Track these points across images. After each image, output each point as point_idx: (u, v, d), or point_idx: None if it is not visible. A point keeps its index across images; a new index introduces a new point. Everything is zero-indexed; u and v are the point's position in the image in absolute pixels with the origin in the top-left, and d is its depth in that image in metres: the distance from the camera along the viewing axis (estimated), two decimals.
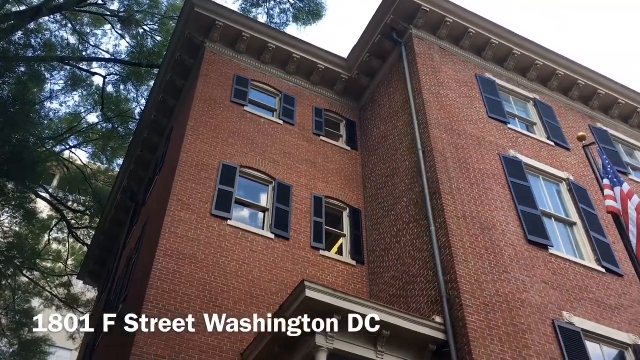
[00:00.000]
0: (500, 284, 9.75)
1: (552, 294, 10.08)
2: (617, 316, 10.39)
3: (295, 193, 12.89)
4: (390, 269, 11.58)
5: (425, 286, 10.20)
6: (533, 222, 11.31)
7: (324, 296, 8.20)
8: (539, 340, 9.15)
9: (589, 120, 15.92)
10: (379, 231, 12.64)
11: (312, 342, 8.14)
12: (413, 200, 11.69)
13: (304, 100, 15.51)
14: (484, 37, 15.12)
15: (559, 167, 13.31)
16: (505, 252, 10.40)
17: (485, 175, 11.81)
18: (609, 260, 11.43)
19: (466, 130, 12.69)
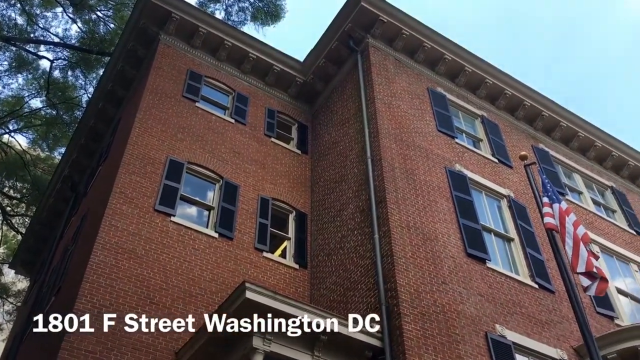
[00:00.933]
0: (438, 294, 9.94)
1: (487, 307, 10.35)
2: (547, 331, 10.75)
3: (242, 193, 12.79)
4: (332, 274, 11.63)
5: (366, 293, 10.29)
6: (473, 235, 11.59)
7: (264, 298, 8.15)
8: (471, 351, 9.37)
9: (532, 140, 16.47)
10: (323, 236, 12.68)
11: (248, 343, 8.08)
12: (359, 207, 11.79)
13: (257, 101, 15.43)
14: (438, 52, 15.44)
15: (501, 184, 13.71)
16: (445, 263, 10.61)
17: (431, 187, 12.04)
18: (542, 277, 11.83)
19: (415, 142, 12.90)
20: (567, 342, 10.82)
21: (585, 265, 7.84)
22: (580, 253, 7.94)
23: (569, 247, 8.05)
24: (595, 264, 7.81)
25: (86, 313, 9.11)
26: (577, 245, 8.02)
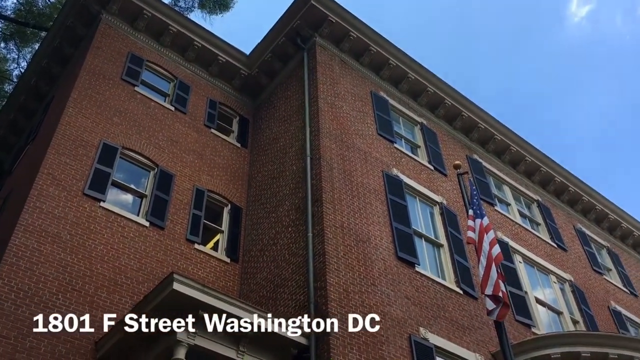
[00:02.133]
0: (366, 295, 10.07)
1: (413, 310, 10.58)
2: (467, 336, 11.10)
3: (177, 183, 12.54)
4: (263, 270, 11.58)
5: (296, 290, 10.30)
6: (405, 239, 11.81)
7: (191, 290, 8.01)
8: (394, 352, 9.55)
9: (467, 150, 16.97)
10: (257, 231, 12.61)
11: (172, 336, 7.93)
12: (295, 204, 11.80)
13: (199, 90, 15.18)
14: (383, 57, 15.65)
15: (435, 191, 14.04)
16: (375, 265, 10.76)
17: (367, 190, 12.19)
18: (467, 283, 12.20)
19: (355, 144, 13.03)
20: (486, 347, 11.20)
21: (493, 288, 8.10)
22: (491, 274, 8.21)
23: (482, 267, 8.30)
24: (502, 288, 8.07)
25: (4, 297, 8.71)
26: (489, 266, 8.29)
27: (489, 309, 8.09)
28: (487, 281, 8.18)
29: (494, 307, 8.07)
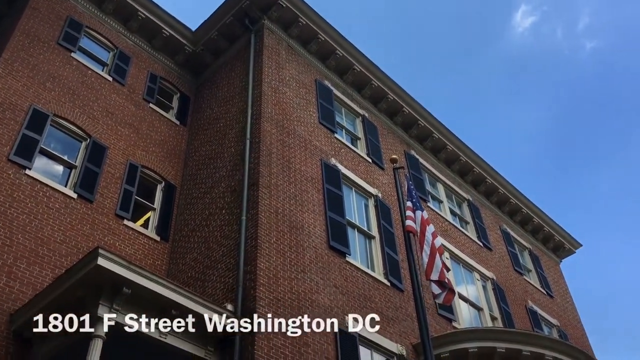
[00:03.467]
0: (296, 282, 10.11)
1: (340, 299, 10.71)
2: (391, 327, 11.35)
3: (110, 156, 12.15)
4: (193, 250, 11.43)
5: (225, 273, 10.23)
6: (338, 229, 11.93)
7: (116, 267, 7.79)
8: (319, 339, 9.65)
9: (405, 146, 17.28)
10: (190, 211, 12.42)
11: (93, 312, 7.70)
12: (231, 187, 11.68)
13: (140, 63, 14.74)
14: (330, 46, 15.67)
15: (371, 183, 14.23)
16: (307, 253, 10.82)
17: (304, 177, 12.21)
18: (395, 276, 12.46)
19: (296, 131, 13.01)
20: (408, 338, 11.50)
21: (439, 275, 8.37)
22: (436, 262, 8.46)
23: (426, 255, 8.53)
24: (446, 276, 8.36)
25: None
26: (434, 255, 8.53)
27: (435, 293, 8.35)
28: (432, 267, 8.42)
29: (440, 292, 8.33)
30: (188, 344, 8.59)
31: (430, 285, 8.42)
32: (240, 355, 8.57)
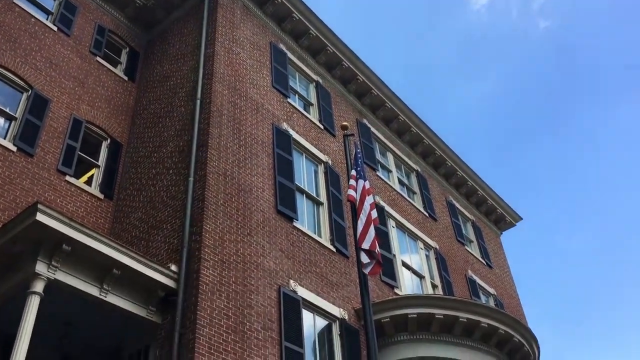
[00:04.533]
0: (242, 245, 10.11)
1: (285, 263, 10.79)
2: (334, 292, 11.54)
3: (53, 109, 11.71)
4: (138, 210, 11.24)
5: (170, 234, 10.12)
6: (286, 194, 11.94)
7: (56, 223, 7.59)
8: (262, 302, 9.73)
9: (358, 114, 17.32)
10: (136, 170, 12.16)
11: (30, 268, 7.51)
12: (179, 147, 11.48)
13: (88, 14, 14.13)
14: (286, 9, 15.41)
15: (322, 150, 14.25)
16: (254, 216, 10.80)
17: (255, 141, 12.11)
18: (341, 242, 12.62)
19: (248, 93, 12.83)
20: (351, 303, 11.73)
21: (370, 244, 8.45)
22: (369, 232, 8.54)
23: (361, 223, 8.61)
24: (377, 248, 8.44)
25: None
26: (369, 225, 8.61)
27: (364, 262, 8.41)
28: (364, 236, 8.48)
29: (369, 261, 8.41)
30: (129, 303, 8.52)
31: (360, 253, 8.50)
32: (183, 316, 8.55)
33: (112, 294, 8.30)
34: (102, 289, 8.14)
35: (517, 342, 12.17)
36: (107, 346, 9.37)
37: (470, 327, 11.62)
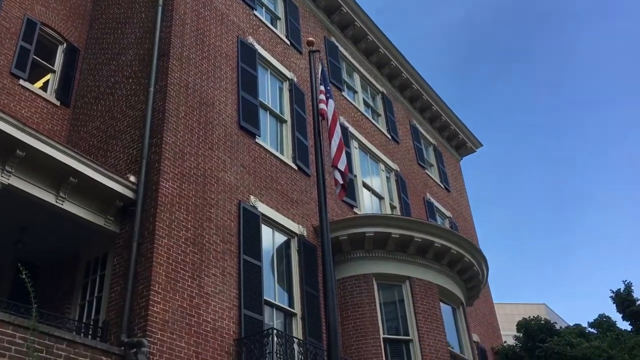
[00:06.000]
0: (202, 159, 10.04)
1: (246, 179, 10.81)
2: (294, 209, 11.70)
3: (4, 7, 11.08)
4: (96, 119, 10.97)
5: (129, 144, 9.96)
6: (250, 110, 11.78)
7: (8, 127, 7.35)
8: (222, 215, 9.81)
9: (326, 32, 16.93)
10: (94, 77, 11.75)
11: None
12: (139, 55, 11.08)
13: None
14: None
15: (287, 67, 13.98)
16: (216, 130, 10.68)
17: (219, 53, 11.77)
18: (303, 160, 12.66)
19: (212, 3, 12.33)
20: (310, 221, 11.93)
21: (344, 167, 8.55)
22: (343, 155, 8.61)
23: (335, 144, 8.64)
24: (349, 172, 8.55)
25: None
26: (341, 148, 8.66)
27: (338, 181, 8.53)
28: (339, 158, 8.56)
29: (341, 183, 8.53)
30: (86, 212, 8.48)
31: (334, 172, 8.60)
32: (141, 227, 8.57)
33: (69, 202, 8.22)
34: (59, 197, 8.05)
35: (468, 262, 12.69)
36: (64, 253, 9.40)
37: (424, 247, 12.02)
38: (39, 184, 7.88)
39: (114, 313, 8.08)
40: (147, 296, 7.88)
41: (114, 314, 8.06)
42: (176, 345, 7.90)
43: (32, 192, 7.78)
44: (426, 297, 11.71)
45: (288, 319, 10.35)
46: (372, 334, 10.93)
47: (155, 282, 8.02)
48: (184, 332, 8.11)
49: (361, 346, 10.82)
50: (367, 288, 11.47)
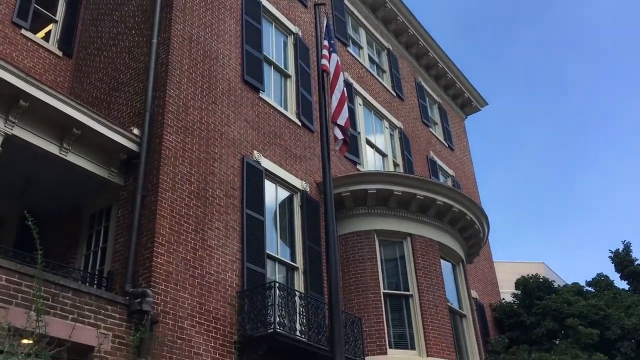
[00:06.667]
0: (206, 112, 10.00)
1: (250, 133, 10.79)
2: (298, 165, 11.71)
3: None
4: (99, 70, 10.87)
5: (132, 97, 9.90)
6: (254, 64, 11.66)
7: (10, 76, 7.29)
8: (225, 170, 9.83)
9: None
10: (97, 28, 11.60)
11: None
12: (142, 6, 10.90)
13: None
14: None
15: (292, 20, 13.76)
16: (220, 84, 10.60)
17: (222, 5, 11.57)
18: (307, 116, 12.60)
19: None
20: (313, 177, 11.96)
21: (345, 122, 8.49)
22: (343, 109, 8.54)
23: (336, 99, 8.57)
24: (349, 127, 8.48)
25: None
26: (343, 102, 8.58)
27: (337, 137, 8.48)
28: (339, 113, 8.50)
29: (341, 138, 8.49)
30: (90, 164, 8.51)
31: (334, 128, 8.56)
32: (145, 180, 8.60)
33: (73, 154, 8.24)
34: (62, 148, 8.06)
35: (469, 220, 12.77)
36: (69, 204, 9.47)
37: (426, 204, 12.08)
38: (42, 135, 7.88)
39: (119, 264, 8.20)
40: (151, 248, 7.98)
41: (119, 265, 8.18)
42: (180, 296, 8.04)
43: (36, 142, 7.79)
44: (427, 254, 11.84)
45: (290, 273, 10.49)
46: (373, 289, 11.10)
47: (159, 235, 8.10)
48: (187, 283, 8.24)
49: (362, 300, 11.00)
50: (369, 244, 11.59)
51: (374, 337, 10.70)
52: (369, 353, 10.46)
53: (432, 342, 10.91)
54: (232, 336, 8.57)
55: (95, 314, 6.79)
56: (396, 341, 11.01)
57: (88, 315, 6.72)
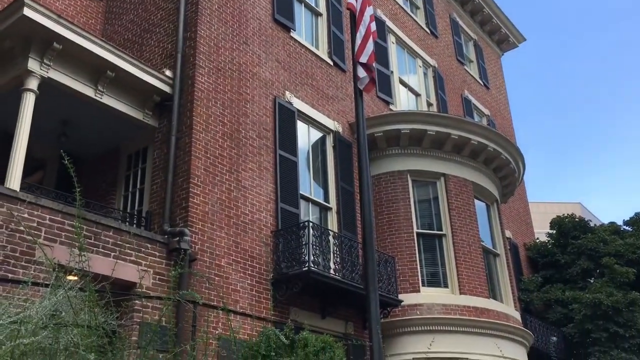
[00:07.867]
0: (237, 53, 9.91)
1: (281, 74, 10.69)
2: (330, 105, 11.61)
3: None
4: (130, 12, 10.81)
5: (163, 38, 9.86)
6: (284, 2, 11.42)
7: (45, 20, 7.32)
8: (257, 111, 9.82)
9: None
10: None
11: (23, 65, 7.41)
12: None
13: None
14: None
15: None
16: (250, 24, 10.45)
17: None
18: (339, 56, 12.39)
19: None
20: (345, 117, 11.87)
21: (368, 58, 8.24)
22: (367, 46, 8.27)
23: (360, 36, 8.31)
24: (374, 64, 8.20)
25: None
26: (367, 38, 8.29)
27: (360, 76, 8.30)
28: (363, 50, 8.25)
29: (365, 76, 8.30)
30: (125, 106, 8.59)
31: (357, 67, 8.34)
32: (179, 121, 8.67)
33: (108, 96, 8.32)
34: (97, 90, 8.14)
35: (504, 160, 12.59)
36: (106, 146, 9.65)
37: (460, 144, 11.92)
38: (77, 77, 7.95)
39: (156, 204, 8.39)
40: (187, 188, 8.12)
41: (157, 205, 8.37)
42: (216, 235, 8.23)
43: (71, 85, 7.88)
44: (461, 194, 11.77)
45: (323, 213, 10.60)
46: (406, 229, 11.16)
47: (194, 175, 8.23)
48: (223, 223, 8.41)
49: (395, 240, 11.09)
50: (402, 184, 11.57)
51: (407, 275, 10.84)
52: (402, 291, 10.62)
53: (465, 281, 11.01)
54: (267, 274, 8.78)
55: (135, 252, 7.02)
56: (429, 280, 11.14)
57: (129, 253, 6.95)
